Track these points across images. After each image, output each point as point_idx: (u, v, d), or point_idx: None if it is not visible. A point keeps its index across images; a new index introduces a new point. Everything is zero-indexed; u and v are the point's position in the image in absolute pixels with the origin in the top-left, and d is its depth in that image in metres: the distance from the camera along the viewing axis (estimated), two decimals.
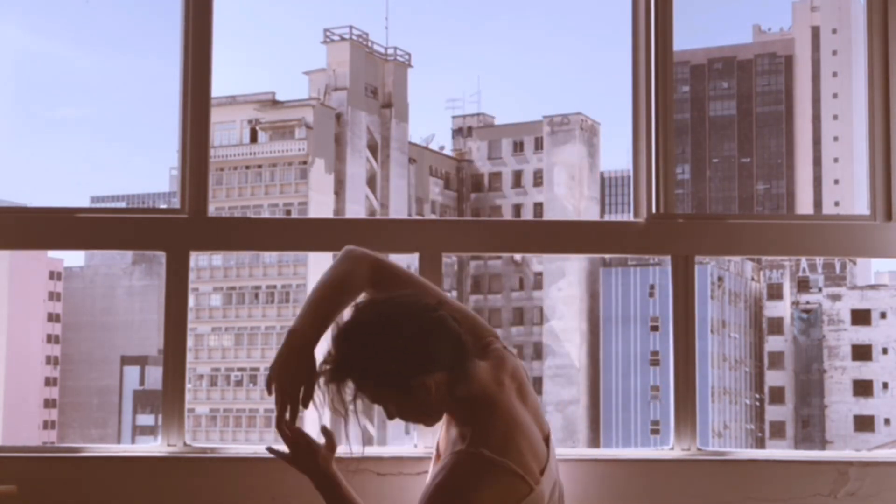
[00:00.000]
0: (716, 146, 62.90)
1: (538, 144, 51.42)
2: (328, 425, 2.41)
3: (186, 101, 3.02)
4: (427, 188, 51.69)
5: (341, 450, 2.34)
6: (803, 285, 50.15)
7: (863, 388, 48.21)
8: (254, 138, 50.19)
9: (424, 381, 2.19)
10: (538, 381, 47.51)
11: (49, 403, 51.27)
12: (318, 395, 2.27)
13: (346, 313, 2.29)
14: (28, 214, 3.14)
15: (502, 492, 2.14)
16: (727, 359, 49.13)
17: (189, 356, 3.00)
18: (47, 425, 50.54)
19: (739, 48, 63.11)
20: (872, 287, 49.32)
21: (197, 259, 44.48)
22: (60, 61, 66.40)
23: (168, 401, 2.93)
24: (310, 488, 2.26)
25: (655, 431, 46.08)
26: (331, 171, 48.61)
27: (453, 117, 54.36)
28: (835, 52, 60.26)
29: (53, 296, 52.12)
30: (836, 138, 60.77)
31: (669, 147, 3.07)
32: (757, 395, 50.59)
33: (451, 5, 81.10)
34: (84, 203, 32.28)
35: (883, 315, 47.99)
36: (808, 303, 49.66)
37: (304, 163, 48.59)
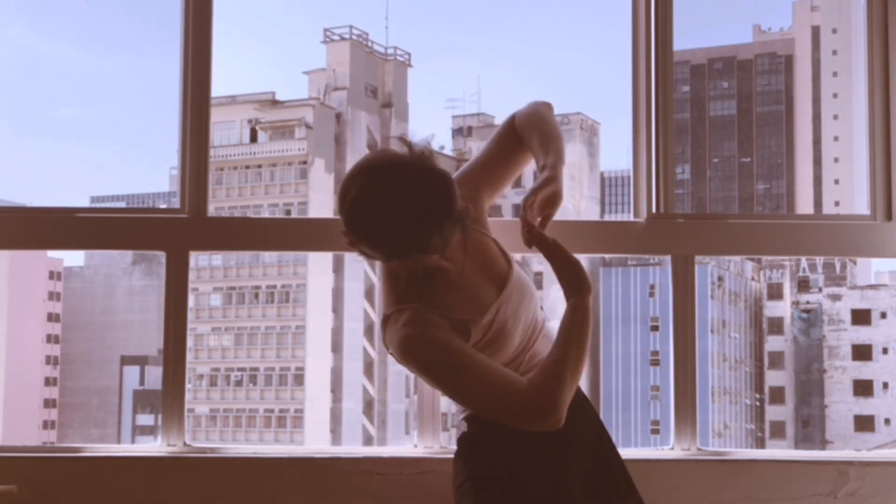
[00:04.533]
0: (716, 146, 62.87)
1: None
2: None
3: (186, 101, 3.02)
4: None
5: None
6: (803, 285, 50.13)
7: (863, 388, 48.21)
8: (254, 138, 50.21)
9: None
10: None
11: (49, 403, 51.28)
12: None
13: None
14: (28, 214, 3.13)
15: None
16: (727, 359, 49.12)
17: (189, 356, 3.00)
18: (47, 425, 50.55)
19: (739, 48, 63.09)
20: (872, 287, 49.31)
21: (197, 259, 44.48)
22: (60, 61, 66.47)
23: (168, 401, 2.93)
24: (309, 488, 2.22)
25: (655, 431, 46.06)
26: (331, 171, 48.61)
27: (453, 117, 54.33)
28: (835, 52, 60.26)
29: (53, 296, 52.13)
30: (836, 138, 60.76)
31: (669, 147, 3.07)
32: (757, 395, 50.57)
33: (451, 5, 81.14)
34: (84, 203, 32.27)
35: (883, 315, 47.99)
36: (808, 303, 49.64)
37: (304, 163, 48.61)
